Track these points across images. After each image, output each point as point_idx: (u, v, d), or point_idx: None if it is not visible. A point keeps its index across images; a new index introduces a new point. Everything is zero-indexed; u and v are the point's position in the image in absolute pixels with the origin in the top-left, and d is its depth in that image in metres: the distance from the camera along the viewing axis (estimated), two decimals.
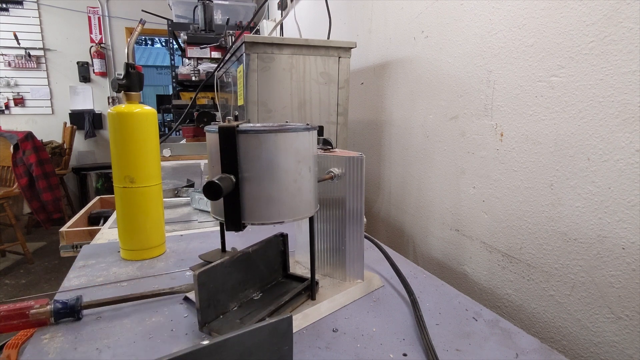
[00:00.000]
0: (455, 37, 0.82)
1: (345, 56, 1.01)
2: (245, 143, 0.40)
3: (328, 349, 0.44)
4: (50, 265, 2.84)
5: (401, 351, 0.43)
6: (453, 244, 0.86)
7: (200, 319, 0.44)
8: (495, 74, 0.71)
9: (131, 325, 0.49)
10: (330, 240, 0.59)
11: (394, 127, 1.09)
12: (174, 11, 2.79)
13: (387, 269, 0.64)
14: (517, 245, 0.68)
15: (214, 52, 2.36)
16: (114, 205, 0.78)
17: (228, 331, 0.43)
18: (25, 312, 0.47)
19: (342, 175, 0.56)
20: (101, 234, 0.90)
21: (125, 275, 0.64)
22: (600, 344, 0.55)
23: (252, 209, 0.42)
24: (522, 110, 0.66)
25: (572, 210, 0.58)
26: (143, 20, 0.69)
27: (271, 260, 0.56)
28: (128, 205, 0.68)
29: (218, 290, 0.47)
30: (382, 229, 1.20)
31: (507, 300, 0.71)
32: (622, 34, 0.50)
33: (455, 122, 0.83)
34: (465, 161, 0.81)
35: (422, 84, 0.94)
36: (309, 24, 1.88)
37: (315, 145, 0.47)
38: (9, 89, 4.08)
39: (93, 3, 4.22)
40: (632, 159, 0.49)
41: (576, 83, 0.56)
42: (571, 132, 0.57)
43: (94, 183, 4.19)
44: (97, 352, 0.43)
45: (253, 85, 0.94)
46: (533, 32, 0.63)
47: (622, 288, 0.51)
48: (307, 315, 0.50)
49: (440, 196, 0.90)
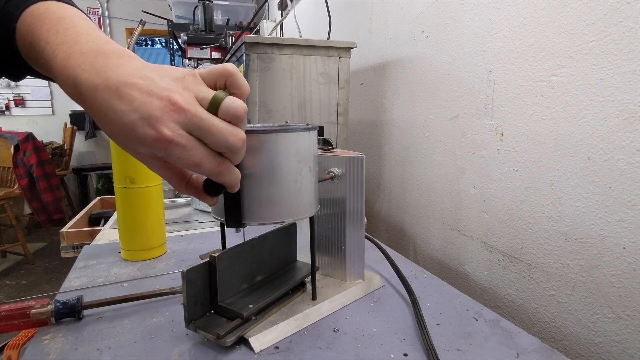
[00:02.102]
0: (455, 37, 0.82)
1: (345, 56, 1.01)
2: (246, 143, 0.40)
3: (329, 349, 0.44)
4: (51, 266, 2.84)
5: (402, 351, 0.43)
6: (453, 243, 0.86)
7: (186, 316, 0.44)
8: (496, 73, 0.71)
9: (132, 326, 0.49)
10: (331, 240, 0.59)
11: (394, 127, 1.09)
12: (174, 12, 2.79)
13: (387, 269, 0.64)
14: (518, 245, 0.68)
15: (214, 52, 2.36)
16: (115, 206, 0.78)
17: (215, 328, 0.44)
18: (26, 312, 0.47)
19: (342, 175, 0.56)
20: (102, 234, 0.90)
21: (125, 275, 0.64)
22: (601, 344, 0.55)
23: (253, 208, 0.42)
24: (522, 109, 0.66)
25: (572, 210, 0.58)
26: (143, 20, 0.69)
27: (271, 253, 0.56)
28: (128, 206, 0.68)
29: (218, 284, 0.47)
30: (382, 229, 1.20)
31: (508, 300, 0.71)
32: (622, 33, 0.50)
33: (456, 122, 0.83)
34: (466, 161, 0.81)
35: (422, 83, 0.94)
36: (309, 24, 1.88)
37: (316, 145, 0.47)
38: (10, 89, 4.08)
39: (93, 4, 4.22)
40: (632, 158, 0.49)
41: (576, 82, 0.56)
42: (571, 131, 0.57)
43: (94, 184, 4.19)
44: (97, 353, 0.43)
45: (253, 86, 0.94)
46: (533, 32, 0.63)
47: (623, 288, 0.51)
48: (308, 315, 0.50)
49: (440, 196, 0.90)
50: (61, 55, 0.31)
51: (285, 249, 0.59)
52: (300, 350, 0.44)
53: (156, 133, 0.30)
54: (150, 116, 0.30)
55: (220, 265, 0.46)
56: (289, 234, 0.59)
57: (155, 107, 0.30)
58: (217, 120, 0.32)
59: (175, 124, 0.30)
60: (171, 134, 0.30)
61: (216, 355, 0.43)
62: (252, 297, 0.49)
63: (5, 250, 2.90)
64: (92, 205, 1.58)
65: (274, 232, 0.56)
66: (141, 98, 0.30)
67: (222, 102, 0.32)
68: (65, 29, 0.32)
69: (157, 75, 0.31)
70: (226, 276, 0.48)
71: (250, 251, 0.52)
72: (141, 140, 0.30)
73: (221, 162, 0.33)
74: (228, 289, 0.48)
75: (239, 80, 0.34)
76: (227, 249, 0.48)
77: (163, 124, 0.30)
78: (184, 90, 0.31)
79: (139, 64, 0.31)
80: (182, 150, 0.31)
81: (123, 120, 0.30)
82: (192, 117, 0.31)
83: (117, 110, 0.30)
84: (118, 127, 0.30)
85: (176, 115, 0.30)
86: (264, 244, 0.54)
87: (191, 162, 0.31)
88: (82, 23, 0.34)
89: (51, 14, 0.33)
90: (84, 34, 0.32)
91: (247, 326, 0.46)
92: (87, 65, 0.31)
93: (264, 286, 0.52)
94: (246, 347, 0.44)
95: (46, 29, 0.32)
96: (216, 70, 0.34)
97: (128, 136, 0.31)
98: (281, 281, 0.54)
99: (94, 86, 0.30)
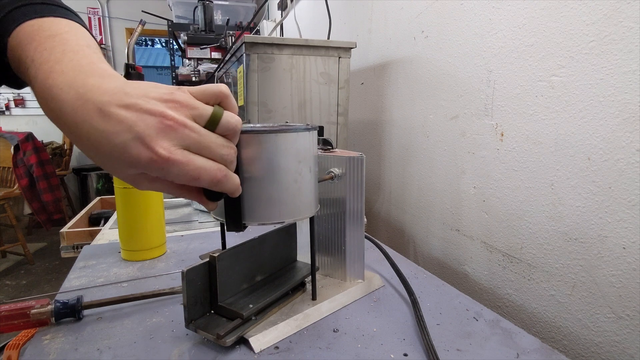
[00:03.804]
0: (455, 37, 0.82)
1: (345, 56, 1.01)
2: (246, 143, 0.40)
3: (329, 349, 0.44)
4: (51, 266, 2.84)
5: (402, 351, 0.43)
6: (453, 243, 0.86)
7: (186, 316, 0.44)
8: (496, 73, 0.71)
9: (132, 326, 0.49)
10: (331, 240, 0.59)
11: (394, 127, 1.09)
12: (174, 12, 2.79)
13: (387, 269, 0.64)
14: (518, 245, 0.68)
15: (214, 52, 2.36)
16: (115, 206, 0.78)
17: (215, 328, 0.44)
18: (26, 312, 0.47)
19: (342, 176, 0.56)
20: (102, 234, 0.90)
21: (125, 275, 0.64)
22: (601, 344, 0.55)
23: (253, 209, 0.42)
24: (522, 110, 0.66)
25: (572, 210, 0.58)
26: (143, 20, 0.69)
27: (270, 254, 0.56)
28: (128, 206, 0.68)
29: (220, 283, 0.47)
30: (382, 229, 1.20)
31: (508, 300, 0.71)
32: (622, 33, 0.50)
33: (456, 122, 0.83)
34: (466, 161, 0.81)
35: (422, 83, 0.94)
36: (309, 24, 1.88)
37: (316, 145, 0.47)
38: (10, 89, 4.08)
39: (93, 4, 4.22)
40: (632, 158, 0.49)
41: (576, 82, 0.56)
42: (571, 131, 0.57)
43: (94, 184, 4.19)
44: (97, 353, 0.43)
45: (253, 86, 0.94)
46: (533, 32, 0.63)
47: (623, 288, 0.51)
48: (308, 315, 0.50)
49: (440, 196, 0.90)
50: (41, 75, 0.30)
51: (285, 249, 0.59)
52: (300, 350, 0.44)
53: (151, 153, 0.29)
54: (144, 135, 0.28)
55: (220, 265, 0.46)
56: (289, 234, 0.59)
57: (149, 125, 0.29)
58: (214, 136, 0.32)
59: (170, 140, 0.29)
60: (166, 152, 0.29)
61: (216, 355, 0.43)
62: (252, 297, 0.49)
63: (5, 250, 2.90)
64: (92, 205, 1.58)
65: (274, 232, 0.56)
66: (132, 117, 0.28)
67: (222, 118, 0.32)
68: (52, 47, 0.31)
69: (143, 92, 0.30)
70: (226, 276, 0.48)
71: (250, 251, 0.52)
72: (133, 161, 0.29)
73: (219, 171, 0.32)
74: (228, 289, 0.48)
75: (233, 102, 0.34)
76: (227, 249, 0.48)
77: (157, 143, 0.29)
78: (176, 106, 0.30)
79: (120, 82, 0.30)
80: (180, 166, 0.30)
81: (113, 142, 0.28)
82: (190, 132, 0.30)
83: (104, 132, 0.28)
84: (105, 150, 0.29)
85: (172, 132, 0.29)
86: (264, 244, 0.54)
87: (189, 176, 0.30)
88: (73, 40, 0.32)
89: (43, 31, 0.32)
90: (70, 52, 0.31)
91: (247, 326, 0.46)
92: (65, 85, 0.29)
93: (264, 286, 0.52)
94: (246, 347, 0.44)
95: (34, 46, 0.31)
96: (211, 91, 0.33)
97: (118, 159, 0.29)
98: (281, 281, 0.54)
99: (73, 108, 0.29)
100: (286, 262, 0.59)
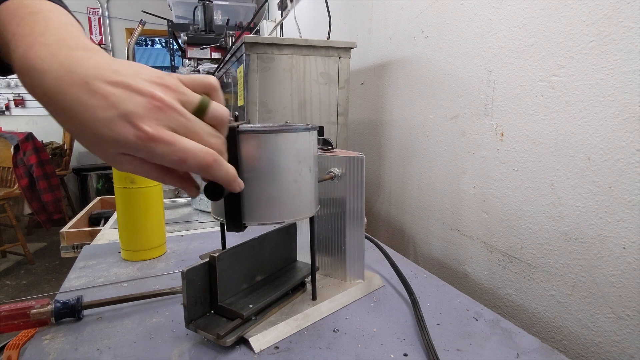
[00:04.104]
0: (455, 37, 0.82)
1: (345, 56, 1.01)
2: (246, 143, 0.40)
3: (329, 349, 0.44)
4: (51, 266, 2.84)
5: (402, 351, 0.43)
6: (453, 243, 0.86)
7: (186, 316, 0.44)
8: (496, 73, 0.71)
9: (132, 326, 0.49)
10: (331, 240, 0.59)
11: (394, 127, 1.09)
12: (174, 12, 2.79)
13: (387, 269, 0.64)
14: (518, 245, 0.68)
15: (214, 52, 2.36)
16: (115, 206, 0.78)
17: (215, 328, 0.44)
18: (26, 312, 0.47)
19: (342, 176, 0.56)
20: (102, 234, 0.90)
21: (125, 275, 0.64)
22: (601, 344, 0.55)
23: (253, 209, 0.42)
24: (522, 110, 0.66)
25: (572, 210, 0.58)
26: (143, 20, 0.69)
27: (270, 253, 0.56)
28: (128, 206, 0.68)
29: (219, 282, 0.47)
30: (382, 229, 1.20)
31: (508, 300, 0.71)
32: (622, 33, 0.50)
33: (456, 122, 0.83)
34: (466, 161, 0.81)
35: (422, 84, 0.94)
36: (309, 24, 1.88)
37: (316, 145, 0.47)
38: (10, 89, 4.08)
39: (93, 4, 4.22)
40: (632, 158, 0.49)
41: (576, 82, 0.56)
42: (571, 131, 0.57)
43: (94, 184, 4.19)
44: (97, 353, 0.43)
45: (253, 86, 0.94)
46: (533, 32, 0.63)
47: (623, 287, 0.51)
48: (308, 315, 0.50)
49: (440, 196, 0.90)
50: (23, 47, 0.29)
51: (285, 249, 0.59)
52: (300, 350, 0.44)
53: (137, 131, 0.28)
54: (130, 113, 0.28)
55: (220, 265, 0.46)
56: (289, 234, 0.59)
57: (137, 104, 0.28)
58: (202, 123, 0.32)
59: (158, 121, 0.29)
60: (153, 131, 0.28)
61: (216, 355, 0.43)
62: (252, 297, 0.49)
63: (5, 250, 2.90)
64: (92, 205, 1.58)
65: (274, 232, 0.56)
66: (119, 94, 0.28)
67: (209, 106, 0.32)
68: (35, 21, 0.30)
69: (133, 72, 0.29)
70: (226, 276, 0.48)
71: (250, 251, 0.52)
72: (118, 139, 0.28)
73: (208, 154, 0.31)
74: (228, 289, 0.48)
75: (221, 96, 0.34)
76: (227, 249, 0.48)
77: (144, 122, 0.28)
78: (165, 89, 0.30)
79: (106, 58, 0.30)
80: (167, 146, 0.29)
81: (97, 116, 0.28)
82: (178, 116, 0.30)
83: (88, 106, 0.28)
84: (88, 124, 0.28)
85: (160, 113, 0.29)
86: (264, 244, 0.54)
87: (176, 157, 0.30)
88: (57, 17, 0.32)
89: (25, 7, 0.31)
90: (54, 27, 0.30)
91: (247, 326, 0.46)
92: (48, 56, 0.28)
93: (264, 286, 0.52)
94: (246, 347, 0.44)
95: (16, 21, 0.30)
96: (200, 81, 0.33)
97: (101, 136, 0.28)
98: (281, 281, 0.54)
99: (56, 78, 0.28)
100: (286, 262, 0.59)
